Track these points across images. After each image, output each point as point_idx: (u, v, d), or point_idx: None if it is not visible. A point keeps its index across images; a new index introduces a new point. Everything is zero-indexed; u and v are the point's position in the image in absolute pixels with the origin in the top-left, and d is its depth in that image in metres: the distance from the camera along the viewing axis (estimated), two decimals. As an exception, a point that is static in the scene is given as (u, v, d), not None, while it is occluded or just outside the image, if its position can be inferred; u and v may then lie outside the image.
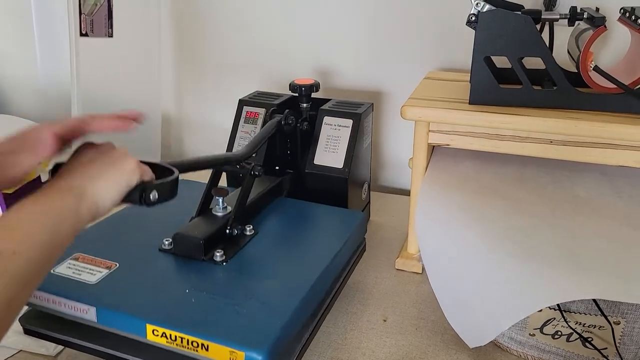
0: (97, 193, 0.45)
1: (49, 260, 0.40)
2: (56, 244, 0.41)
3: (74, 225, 0.42)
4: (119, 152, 0.50)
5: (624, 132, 0.71)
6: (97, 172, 0.46)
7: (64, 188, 0.44)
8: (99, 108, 1.07)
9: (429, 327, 0.75)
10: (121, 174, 0.47)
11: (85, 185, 0.44)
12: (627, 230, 0.70)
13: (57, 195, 0.43)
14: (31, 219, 0.40)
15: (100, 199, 0.45)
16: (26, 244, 0.38)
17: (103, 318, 0.59)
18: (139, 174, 0.50)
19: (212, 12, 1.23)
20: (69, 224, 0.42)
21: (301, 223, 0.80)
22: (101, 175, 0.46)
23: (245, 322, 0.57)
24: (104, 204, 0.45)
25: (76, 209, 0.42)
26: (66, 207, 0.42)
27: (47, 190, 0.43)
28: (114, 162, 0.48)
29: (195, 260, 0.68)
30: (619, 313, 0.63)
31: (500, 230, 0.71)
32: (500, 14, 0.74)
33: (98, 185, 0.45)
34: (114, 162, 0.48)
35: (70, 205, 0.42)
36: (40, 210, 0.41)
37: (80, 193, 0.43)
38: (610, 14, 0.79)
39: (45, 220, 0.40)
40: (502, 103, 0.78)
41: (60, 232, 0.41)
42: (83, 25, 0.98)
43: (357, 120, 0.90)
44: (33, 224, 0.40)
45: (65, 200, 0.42)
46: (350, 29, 1.13)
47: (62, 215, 0.41)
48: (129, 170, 0.48)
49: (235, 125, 0.97)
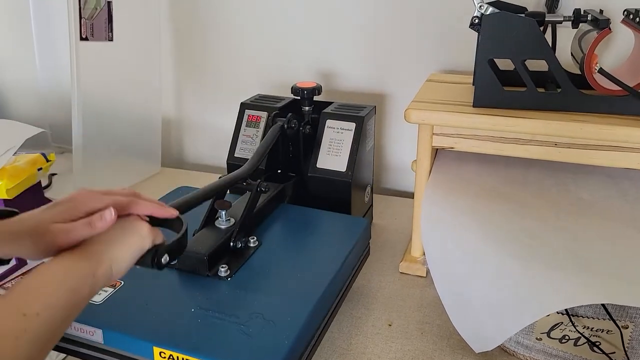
0: (113, 258, 0.47)
1: (67, 320, 0.43)
2: (74, 305, 0.43)
3: (91, 288, 0.44)
4: (133, 216, 0.52)
5: (630, 135, 0.70)
6: (114, 237, 0.48)
7: (83, 252, 0.46)
8: (100, 112, 1.06)
9: (434, 332, 0.74)
10: (135, 240, 0.50)
11: (103, 250, 0.47)
12: (634, 233, 0.69)
13: (77, 259, 0.45)
14: (53, 283, 0.42)
15: (115, 264, 0.47)
16: (48, 306, 0.40)
17: (110, 340, 0.59)
18: (152, 238, 0.52)
19: (212, 14, 1.22)
20: (87, 286, 0.44)
21: (305, 232, 0.79)
22: (118, 241, 0.48)
23: (252, 343, 0.56)
24: (118, 269, 0.48)
25: (94, 273, 0.45)
26: (84, 272, 0.44)
27: (68, 254, 0.45)
28: (129, 228, 0.50)
29: (200, 276, 0.67)
30: (627, 317, 0.62)
31: (505, 233, 0.71)
32: (505, 16, 0.74)
33: (114, 250, 0.47)
34: (130, 228, 0.50)
35: (88, 270, 0.44)
36: (61, 274, 0.43)
37: (97, 259, 0.46)
38: (612, 15, 0.78)
39: (66, 284, 0.43)
40: (506, 106, 0.77)
41: (79, 294, 0.43)
42: (83, 29, 0.98)
43: (360, 123, 0.90)
44: (54, 287, 0.42)
45: (84, 265, 0.45)
46: (351, 31, 1.12)
47: (80, 279, 0.44)
48: (143, 235, 0.50)
49: (237, 129, 0.97)
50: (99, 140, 1.07)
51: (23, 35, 1.36)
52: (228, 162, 0.96)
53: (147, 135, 1.23)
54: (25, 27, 1.34)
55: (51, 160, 0.93)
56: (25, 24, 1.34)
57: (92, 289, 0.45)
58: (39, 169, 0.90)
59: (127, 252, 0.48)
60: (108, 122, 1.10)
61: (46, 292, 0.41)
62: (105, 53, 1.05)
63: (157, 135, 1.25)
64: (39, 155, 0.91)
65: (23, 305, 0.39)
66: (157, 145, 1.26)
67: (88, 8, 0.98)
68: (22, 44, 1.38)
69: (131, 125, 1.17)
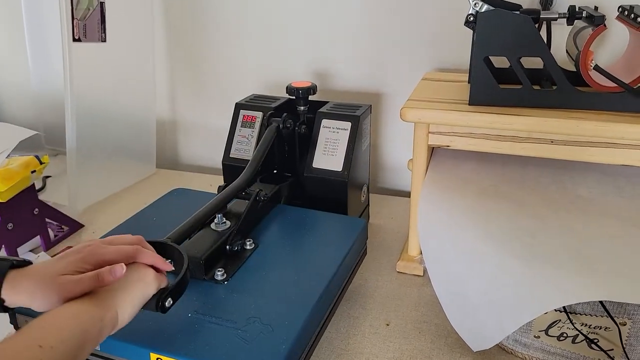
0: (120, 306, 0.50)
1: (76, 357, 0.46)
2: (84, 345, 0.46)
3: (99, 331, 0.47)
4: (138, 263, 0.54)
5: (626, 131, 0.70)
6: (121, 286, 0.51)
7: (92, 299, 0.49)
8: (94, 114, 1.06)
9: (432, 331, 0.74)
10: (141, 287, 0.52)
11: (110, 297, 0.50)
12: (631, 230, 0.69)
13: (88, 304, 0.48)
14: (67, 321, 0.46)
15: (121, 312, 0.50)
16: (62, 341, 0.44)
17: (106, 346, 0.58)
18: (157, 284, 0.54)
19: (206, 14, 1.22)
20: (96, 329, 0.47)
21: (301, 233, 0.79)
22: (124, 289, 0.51)
23: (250, 348, 0.56)
24: (123, 317, 0.50)
25: (101, 318, 0.48)
26: (94, 316, 0.47)
27: (79, 300, 0.49)
28: (135, 276, 0.53)
29: (196, 280, 0.67)
30: (625, 314, 0.62)
31: (503, 231, 0.70)
32: (500, 14, 0.74)
33: (122, 298, 0.50)
34: (136, 276, 0.53)
35: (97, 315, 0.48)
36: (73, 315, 0.47)
37: (105, 305, 0.49)
38: (607, 12, 0.78)
39: (77, 323, 0.46)
40: (502, 103, 0.77)
41: (88, 335, 0.46)
42: (76, 30, 0.97)
43: (356, 123, 0.89)
44: (68, 325, 0.46)
45: (94, 310, 0.48)
46: (346, 30, 1.12)
47: (90, 322, 0.47)
48: (148, 282, 0.53)
49: (232, 129, 0.96)
50: (93, 142, 1.07)
51: (15, 36, 1.35)
52: (223, 162, 0.95)
53: (141, 137, 1.22)
54: (18, 29, 1.33)
55: (45, 162, 0.92)
56: (17, 25, 1.33)
57: (100, 333, 0.47)
58: (33, 171, 0.89)
59: (134, 301, 0.51)
60: (102, 123, 1.09)
61: (60, 328, 0.45)
62: (99, 54, 1.04)
63: (151, 136, 1.25)
64: (32, 157, 0.90)
65: (39, 338, 0.43)
66: (151, 146, 1.25)
67: (80, 8, 0.97)
68: (15, 45, 1.37)
69: (125, 127, 1.17)
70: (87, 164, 1.05)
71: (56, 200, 1.04)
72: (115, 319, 0.49)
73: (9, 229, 0.88)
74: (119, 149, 1.16)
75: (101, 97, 1.08)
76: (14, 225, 0.88)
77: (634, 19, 0.73)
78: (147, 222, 0.82)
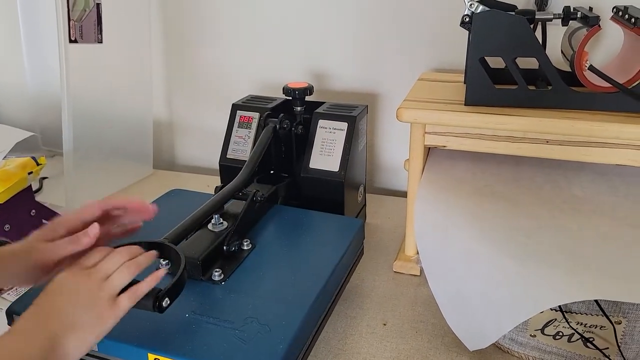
0: (72, 345, 0.44)
1: None
2: None
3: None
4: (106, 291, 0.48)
5: (621, 131, 0.71)
6: (78, 319, 0.45)
7: (40, 329, 0.43)
8: (90, 115, 1.06)
9: (429, 330, 0.74)
10: (100, 324, 0.47)
11: (61, 333, 0.44)
12: (625, 229, 0.70)
13: (32, 336, 0.43)
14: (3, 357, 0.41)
15: (71, 351, 0.45)
16: None
17: (104, 347, 0.58)
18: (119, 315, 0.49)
19: (203, 16, 1.22)
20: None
21: (298, 234, 0.79)
22: (80, 325, 0.45)
23: (247, 348, 0.56)
24: (74, 356, 0.45)
25: (46, 357, 0.42)
26: (37, 354, 0.42)
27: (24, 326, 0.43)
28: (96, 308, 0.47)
29: (194, 280, 0.67)
30: (620, 312, 0.63)
31: (498, 231, 0.71)
32: (495, 14, 0.74)
33: (74, 337, 0.45)
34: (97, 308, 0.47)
35: (41, 352, 0.42)
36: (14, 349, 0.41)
37: (53, 343, 0.43)
38: (602, 12, 0.79)
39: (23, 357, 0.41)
40: (498, 104, 0.78)
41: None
42: (72, 32, 0.97)
43: (352, 123, 0.89)
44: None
45: (38, 345, 0.42)
46: (342, 31, 1.12)
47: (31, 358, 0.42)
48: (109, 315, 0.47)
49: (229, 130, 0.96)
50: (89, 143, 1.07)
51: (12, 38, 1.35)
52: (220, 163, 0.95)
53: (138, 138, 1.22)
54: (14, 30, 1.33)
55: (42, 163, 0.92)
56: (13, 26, 1.33)
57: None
58: (30, 172, 0.89)
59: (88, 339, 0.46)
60: (99, 124, 1.09)
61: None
62: (95, 55, 1.04)
63: (148, 137, 1.25)
64: (29, 159, 0.90)
65: None
66: (148, 147, 1.26)
67: (77, 10, 0.97)
68: (11, 46, 1.37)
69: (122, 128, 1.17)
70: (84, 165, 1.05)
71: (53, 202, 1.04)
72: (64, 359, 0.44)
73: (5, 231, 0.88)
74: (115, 150, 1.16)
75: (98, 99, 1.08)
76: (10, 226, 0.88)
77: (629, 19, 0.73)
78: (144, 223, 0.82)
